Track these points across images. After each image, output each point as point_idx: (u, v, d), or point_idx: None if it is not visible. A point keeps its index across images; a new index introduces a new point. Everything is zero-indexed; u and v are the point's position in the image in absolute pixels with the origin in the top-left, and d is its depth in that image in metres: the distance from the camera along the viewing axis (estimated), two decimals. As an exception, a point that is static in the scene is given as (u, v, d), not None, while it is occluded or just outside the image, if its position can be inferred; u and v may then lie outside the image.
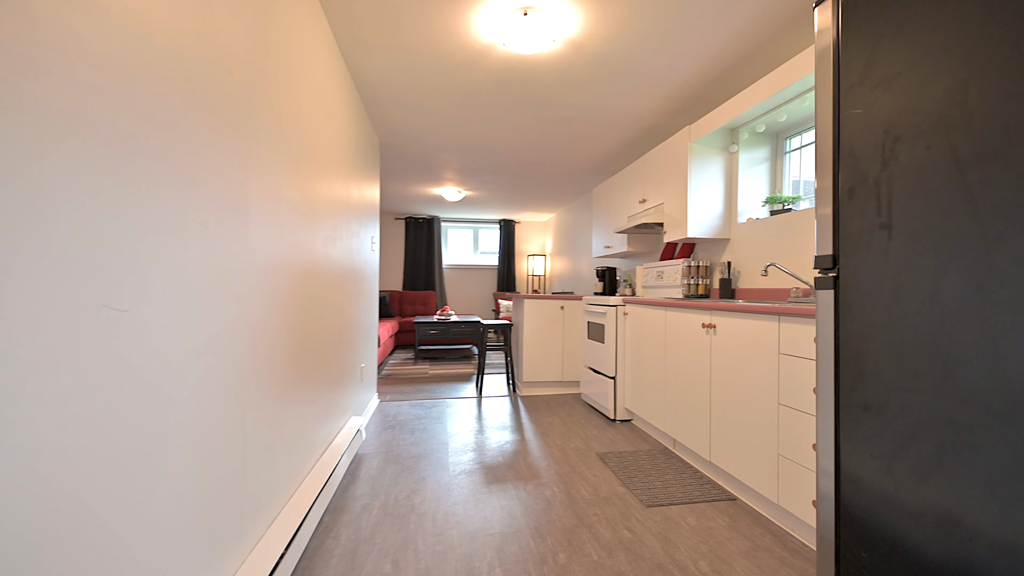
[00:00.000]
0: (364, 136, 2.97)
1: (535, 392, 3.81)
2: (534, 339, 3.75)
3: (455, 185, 5.20)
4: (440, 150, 3.87)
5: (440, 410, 3.32)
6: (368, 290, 3.13)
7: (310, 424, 1.81)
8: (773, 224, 2.50)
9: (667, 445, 2.54)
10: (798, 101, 2.25)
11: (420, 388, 4.04)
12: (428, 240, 7.48)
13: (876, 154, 0.65)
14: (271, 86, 1.39)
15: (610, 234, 4.06)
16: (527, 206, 6.47)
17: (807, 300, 2.06)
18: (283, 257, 1.50)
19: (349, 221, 2.49)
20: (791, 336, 1.60)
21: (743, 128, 2.70)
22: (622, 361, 3.01)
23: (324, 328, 2.01)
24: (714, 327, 2.03)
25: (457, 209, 6.83)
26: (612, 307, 3.03)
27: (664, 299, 2.49)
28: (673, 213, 2.96)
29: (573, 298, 3.82)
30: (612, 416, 3.02)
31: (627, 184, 3.68)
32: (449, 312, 5.82)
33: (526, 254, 7.83)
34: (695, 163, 2.79)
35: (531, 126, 3.26)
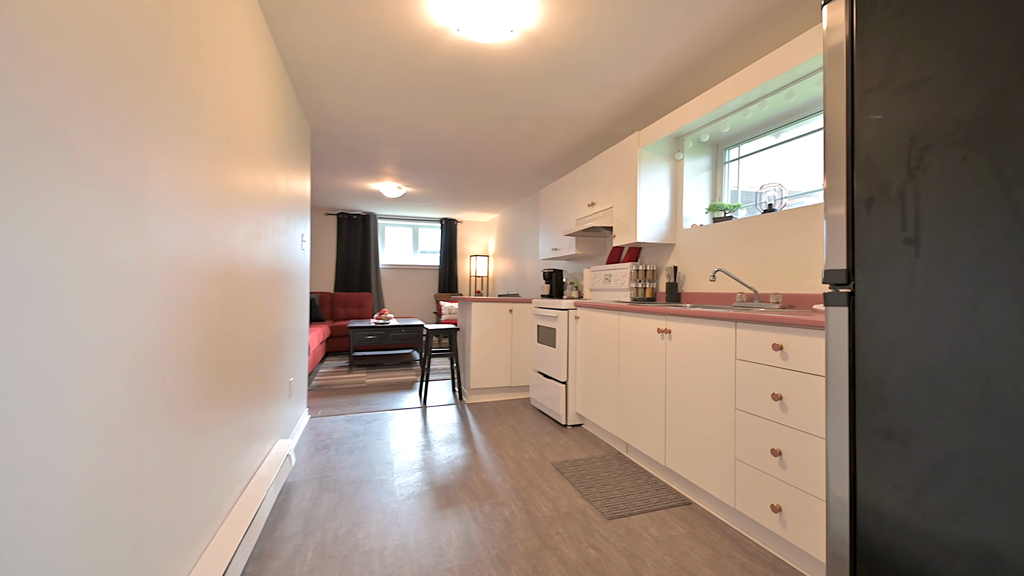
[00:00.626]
0: (293, 121, 2.64)
1: (483, 399, 3.67)
2: (482, 344, 3.61)
3: (395, 180, 4.90)
4: (380, 142, 3.58)
5: (381, 424, 3.07)
6: (298, 294, 2.79)
7: (229, 456, 1.52)
8: (716, 231, 2.59)
9: (620, 450, 2.54)
10: (740, 113, 2.34)
11: (357, 400, 3.73)
12: (363, 238, 7.02)
13: (900, 163, 0.62)
14: (180, 57, 1.11)
15: (557, 236, 4.04)
16: (471, 205, 6.31)
17: (752, 304, 2.14)
18: (194, 258, 1.23)
19: (276, 216, 2.18)
20: (747, 342, 1.62)
21: (688, 137, 2.78)
22: (573, 366, 2.97)
23: (246, 339, 1.72)
24: (669, 332, 2.04)
25: (396, 206, 6.48)
26: (563, 311, 2.98)
27: (618, 303, 2.48)
28: (622, 217, 2.98)
29: (522, 301, 3.74)
30: (563, 421, 2.98)
31: (575, 186, 3.67)
32: (388, 315, 5.49)
33: (469, 254, 7.65)
34: (644, 169, 2.83)
35: (481, 121, 3.11)
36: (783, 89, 2.09)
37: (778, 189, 2.30)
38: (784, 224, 2.15)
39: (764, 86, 2.07)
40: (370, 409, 3.44)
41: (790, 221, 2.12)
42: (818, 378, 1.36)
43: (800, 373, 1.42)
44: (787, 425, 1.46)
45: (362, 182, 4.98)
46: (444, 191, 5.40)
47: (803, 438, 1.41)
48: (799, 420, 1.42)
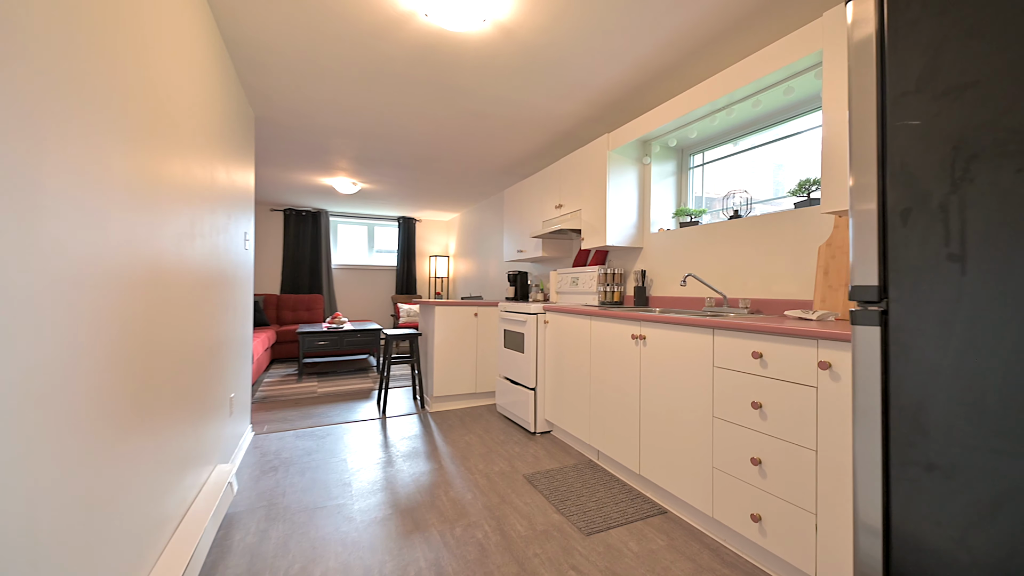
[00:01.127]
0: (234, 106, 2.36)
1: (447, 407, 3.52)
2: (446, 349, 3.46)
3: (350, 176, 4.61)
4: (334, 133, 3.33)
5: (335, 439, 2.84)
6: (241, 299, 2.51)
7: (156, 492, 1.29)
8: (683, 235, 2.61)
9: (591, 457, 2.49)
10: (708, 120, 2.36)
11: (308, 412, 3.45)
12: (314, 236, 6.60)
13: (942, 174, 0.58)
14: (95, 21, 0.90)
15: (523, 238, 3.95)
16: (431, 204, 6.09)
17: (722, 310, 2.15)
18: (111, 262, 1.01)
19: (214, 212, 1.93)
20: (726, 349, 1.60)
21: (656, 141, 2.78)
22: (542, 372, 2.89)
23: (179, 354, 1.48)
24: (644, 338, 2.01)
25: (350, 203, 6.13)
26: (532, 315, 2.90)
27: (588, 307, 2.43)
28: (591, 220, 2.95)
29: (488, 304, 3.62)
30: (532, 429, 2.89)
31: (542, 188, 3.60)
32: (341, 319, 5.17)
33: (428, 254, 7.41)
34: (613, 171, 2.80)
35: (446, 116, 2.96)
36: (751, 97, 2.12)
37: (744, 195, 2.34)
38: (750, 230, 2.19)
39: (732, 94, 2.09)
40: (323, 422, 3.18)
41: (756, 227, 2.16)
42: (799, 387, 1.36)
43: (780, 381, 1.41)
44: (767, 434, 1.45)
45: (313, 176, 4.64)
46: (403, 188, 5.16)
47: (783, 447, 1.40)
48: (779, 429, 1.41)
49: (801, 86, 1.95)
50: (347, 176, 4.60)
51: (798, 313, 1.69)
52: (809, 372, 1.33)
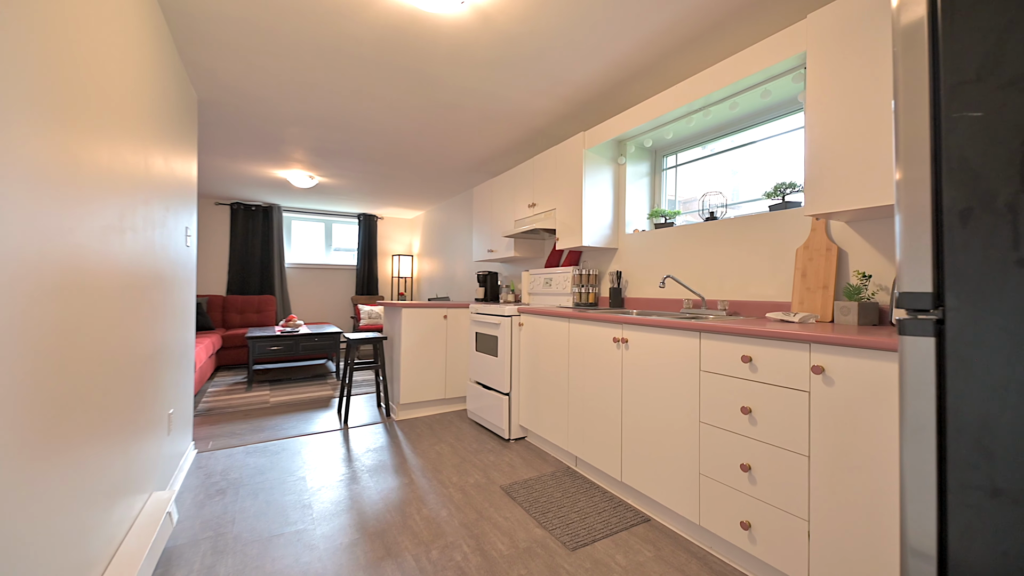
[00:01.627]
0: (174, 85, 2.09)
1: (415, 414, 3.34)
2: (413, 353, 3.28)
3: (306, 168, 4.30)
4: (290, 121, 3.07)
5: (292, 454, 2.60)
6: (182, 301, 2.24)
7: (76, 531, 1.08)
8: (658, 237, 2.60)
9: (569, 464, 2.42)
10: (685, 121, 2.36)
11: (260, 424, 3.16)
12: (265, 233, 6.15)
13: (1010, 170, 0.54)
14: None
15: (494, 237, 3.84)
16: (394, 200, 5.84)
17: (700, 312, 2.14)
18: (13, 262, 0.81)
19: (149, 204, 1.68)
20: (714, 353, 1.57)
21: (631, 141, 2.76)
22: (517, 376, 2.79)
23: (105, 367, 1.25)
24: (626, 341, 1.95)
25: (305, 198, 5.76)
26: (506, 317, 2.79)
27: (568, 310, 2.36)
28: (566, 219, 2.88)
29: (458, 306, 3.48)
30: (506, 436, 2.79)
31: (514, 186, 3.51)
32: (296, 322, 4.83)
33: (390, 253, 7.13)
34: (589, 170, 2.75)
35: (415, 107, 2.79)
36: (729, 99, 2.12)
37: (720, 197, 2.35)
38: (727, 232, 2.20)
39: (710, 95, 2.08)
40: (277, 435, 2.92)
41: (732, 230, 2.17)
42: (790, 391, 1.34)
43: (771, 386, 1.39)
44: (757, 439, 1.43)
45: (265, 168, 4.29)
46: (365, 184, 4.89)
47: (774, 452, 1.38)
48: (770, 434, 1.39)
49: (778, 89, 1.97)
50: (303, 169, 4.29)
51: (779, 315, 1.70)
52: (801, 376, 1.31)
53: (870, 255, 1.63)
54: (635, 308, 2.67)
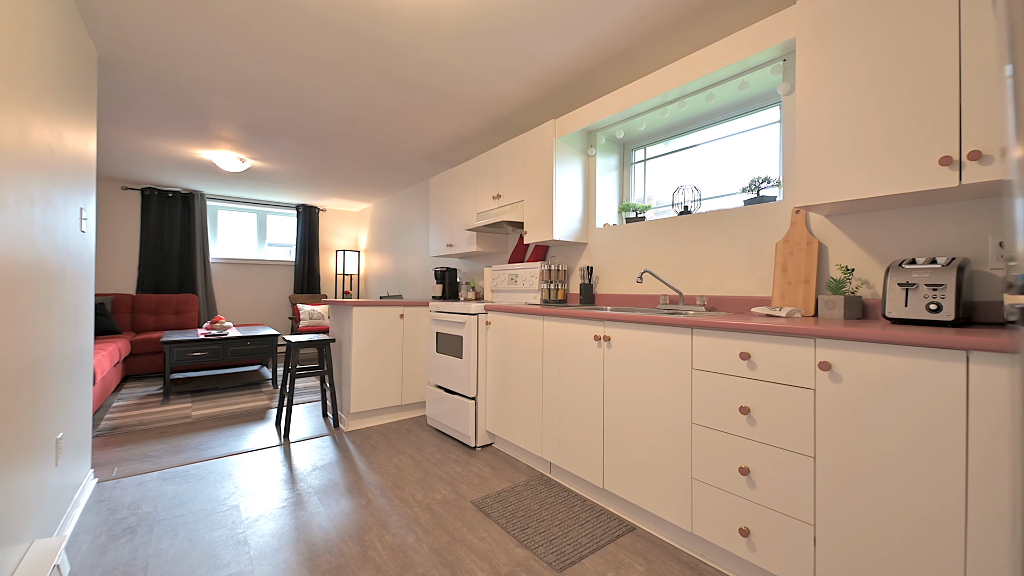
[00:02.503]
0: (65, 35, 1.67)
1: (368, 423, 3.03)
2: (366, 356, 2.97)
3: (236, 150, 3.80)
4: (217, 89, 2.64)
5: (220, 478, 2.22)
6: (75, 298, 1.80)
7: None
8: (630, 231, 2.52)
9: (543, 472, 2.27)
10: (659, 112, 2.29)
11: (179, 444, 2.70)
12: (185, 223, 5.43)
13: None
14: None
15: (454, 231, 3.61)
16: (339, 191, 5.38)
17: (679, 308, 2.08)
18: None
19: (27, 179, 1.29)
20: (708, 350, 1.49)
21: (601, 132, 2.67)
22: (484, 379, 2.60)
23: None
24: (609, 339, 1.83)
25: (235, 184, 5.15)
26: (472, 316, 2.59)
27: (542, 307, 2.20)
28: (535, 212, 2.73)
29: (416, 304, 3.21)
30: (472, 443, 2.58)
31: (477, 176, 3.30)
32: (225, 324, 4.28)
33: (334, 249, 6.60)
34: (560, 161, 2.62)
35: (369, 82, 2.50)
36: (705, 90, 2.07)
37: (694, 192, 2.32)
38: (701, 226, 2.16)
39: (687, 85, 2.02)
40: (202, 456, 2.50)
41: (707, 224, 2.13)
42: (793, 389, 1.27)
43: (772, 384, 1.32)
44: (757, 440, 1.35)
45: (186, 147, 3.73)
46: (306, 170, 4.44)
47: (775, 454, 1.31)
48: (771, 435, 1.32)
49: (756, 81, 1.94)
50: (232, 150, 3.78)
51: (765, 310, 1.65)
52: (806, 373, 1.25)
53: (850, 249, 1.63)
54: (608, 304, 2.57)
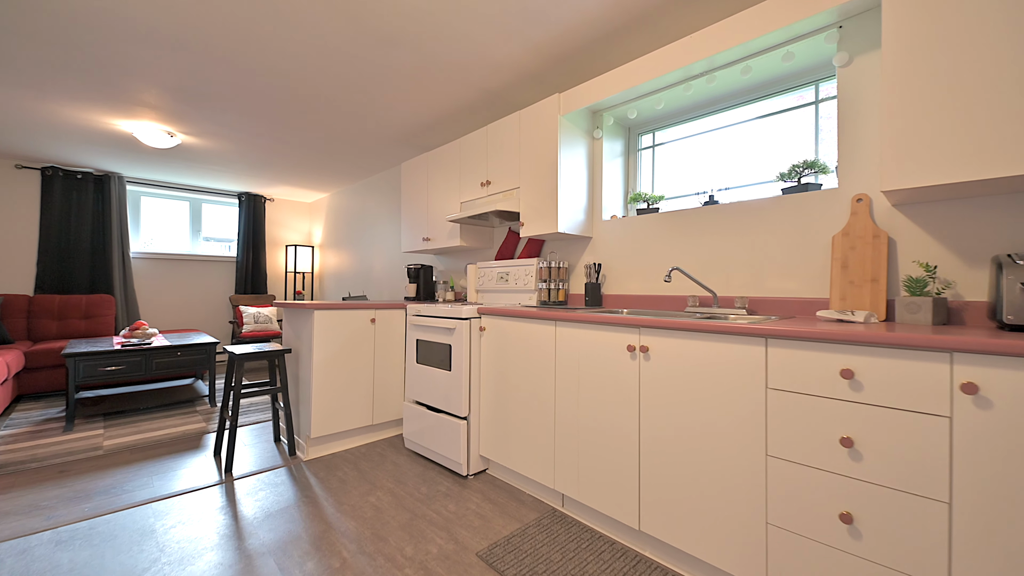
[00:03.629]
0: None
1: (332, 449, 2.55)
2: (330, 370, 2.49)
3: (163, 121, 3.14)
4: (136, 37, 2.07)
5: (136, 537, 1.69)
6: None
7: None
8: (642, 224, 2.24)
9: (553, 505, 1.92)
10: (683, 88, 2.02)
11: (84, 488, 2.10)
12: (99, 211, 4.59)
13: None
14: None
15: (432, 223, 3.17)
16: (289, 178, 4.74)
17: (713, 311, 1.81)
18: None
19: None
20: (790, 366, 1.21)
21: (608, 112, 2.36)
22: (477, 395, 2.21)
23: None
24: (647, 350, 1.52)
25: (162, 165, 4.39)
26: (464, 320, 2.19)
27: (556, 310, 1.85)
28: (534, 201, 2.38)
29: (390, 306, 2.76)
30: (464, 471, 2.19)
31: (462, 160, 2.89)
32: (148, 330, 3.58)
33: (284, 243, 5.89)
34: (564, 143, 2.28)
35: (337, 36, 2.04)
36: (741, 62, 1.81)
37: (721, 179, 2.06)
38: (732, 218, 1.90)
39: (715, 57, 1.76)
40: (115, 504, 1.93)
41: (739, 215, 1.88)
42: (920, 417, 1.01)
43: (885, 409, 1.05)
44: (863, 480, 1.08)
45: (98, 114, 3.03)
46: (251, 150, 3.81)
47: (891, 498, 1.04)
48: (884, 473, 1.05)
49: (805, 52, 1.70)
50: (158, 120, 3.13)
51: (833, 314, 1.40)
52: (938, 397, 0.99)
53: (924, 243, 1.42)
54: (619, 307, 2.27)
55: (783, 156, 1.94)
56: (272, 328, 4.97)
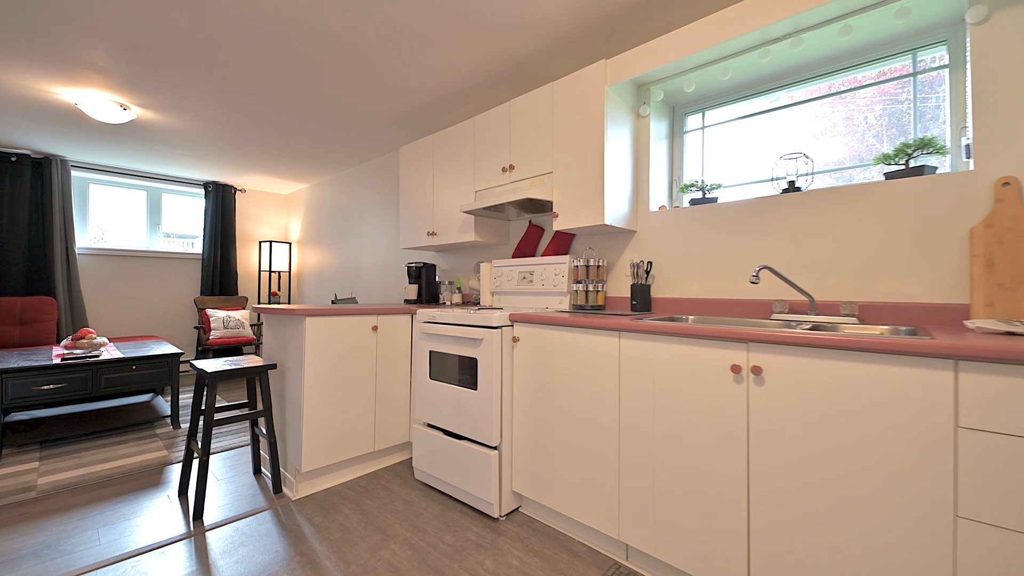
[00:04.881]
0: None
1: (327, 483, 2.12)
2: (325, 388, 2.07)
3: (114, 89, 2.62)
4: (72, -35, 1.60)
5: (78, 634, 1.24)
6: None
7: None
8: (698, 215, 1.92)
9: (616, 557, 1.57)
10: (758, 53, 1.71)
11: (7, 549, 1.61)
12: (37, 200, 3.95)
13: None
14: None
15: (439, 216, 2.77)
16: (263, 165, 4.22)
17: (814, 319, 1.50)
18: None
19: None
20: (990, 397, 0.90)
21: (658, 85, 2.03)
22: (510, 419, 1.84)
23: None
24: (759, 372, 1.19)
25: (113, 146, 3.80)
26: (493, 329, 1.81)
27: (616, 319, 1.50)
28: (572, 188, 2.02)
29: (394, 311, 2.35)
30: (496, 512, 1.81)
31: (476, 141, 2.51)
32: (96, 339, 3.04)
33: (257, 239, 5.33)
34: (611, 119, 1.94)
35: (340, -26, 1.63)
36: (839, 20, 1.51)
37: (805, 162, 1.76)
38: (822, 208, 1.60)
39: (801, 16, 1.46)
40: (48, 573, 1.46)
41: (831, 204, 1.58)
42: None
43: None
44: None
45: (32, 79, 2.48)
46: (220, 129, 3.30)
47: None
48: None
49: (925, 8, 1.41)
50: (107, 90, 2.60)
51: (987, 324, 1.11)
52: None
53: (1100, 237, 1.14)
54: (675, 312, 1.94)
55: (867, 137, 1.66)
56: (244, 334, 4.44)
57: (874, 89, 1.67)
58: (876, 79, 1.66)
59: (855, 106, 1.70)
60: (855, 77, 1.71)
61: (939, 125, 1.52)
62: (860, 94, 1.69)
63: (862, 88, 1.69)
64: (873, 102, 1.67)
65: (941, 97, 1.52)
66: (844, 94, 1.72)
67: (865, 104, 1.69)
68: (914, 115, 1.59)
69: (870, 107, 1.67)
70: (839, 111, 1.74)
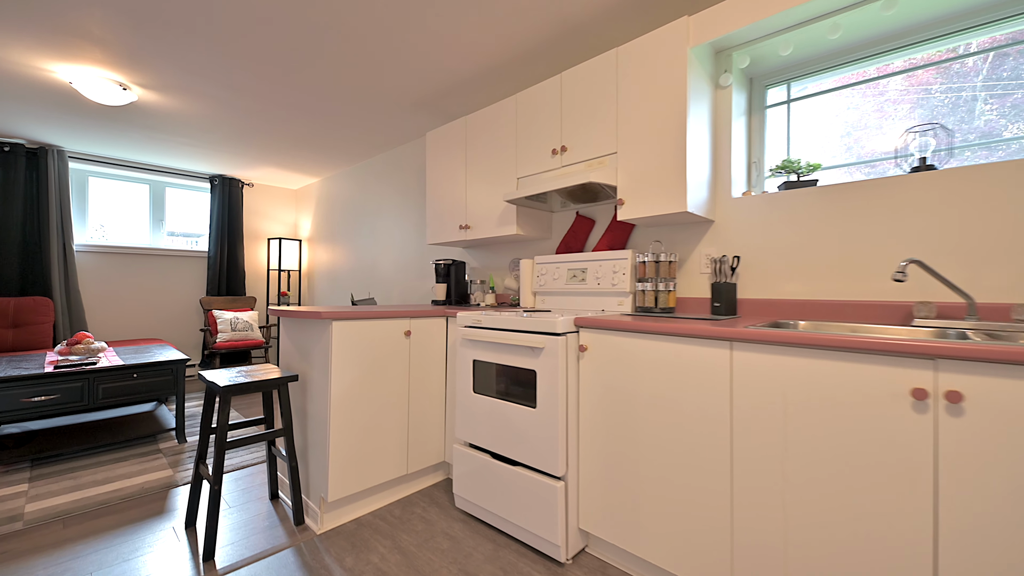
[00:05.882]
0: None
1: (354, 512, 1.84)
2: (355, 404, 1.78)
3: (112, 67, 2.35)
4: None
5: None
6: None
7: None
8: (795, 202, 1.63)
9: (718, 616, 1.28)
10: (880, 5, 1.41)
11: (-27, 610, 1.34)
12: (32, 194, 3.69)
13: None
14: None
15: (472, 207, 2.48)
16: (273, 157, 3.94)
17: (976, 326, 1.21)
18: None
19: None
20: None
21: (743, 50, 1.73)
22: (575, 444, 1.56)
23: None
24: (959, 399, 0.90)
25: (113, 135, 3.53)
26: (558, 336, 1.52)
27: (719, 327, 1.21)
28: (643, 171, 1.73)
29: (428, 314, 2.06)
30: (563, 555, 1.52)
31: (518, 121, 2.22)
32: (94, 344, 2.77)
33: (265, 236, 5.06)
34: (693, 87, 1.64)
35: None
36: (1004, -45, 1.21)
37: (939, 134, 1.46)
38: (966, 190, 1.31)
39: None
40: (19, 649, 1.19)
41: (979, 184, 1.29)
42: None
43: None
44: None
45: (22, 52, 2.20)
46: (229, 114, 3.02)
47: None
48: None
49: None
50: (105, 66, 2.32)
51: None
52: None
53: None
54: (767, 316, 1.64)
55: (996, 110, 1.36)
56: (253, 336, 4.17)
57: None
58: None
59: (1003, 68, 1.40)
60: (996, 36, 1.40)
61: None
62: (1008, 52, 1.39)
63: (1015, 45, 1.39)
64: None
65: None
66: (987, 53, 1.42)
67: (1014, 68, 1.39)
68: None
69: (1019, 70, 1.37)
70: (974, 77, 1.44)
